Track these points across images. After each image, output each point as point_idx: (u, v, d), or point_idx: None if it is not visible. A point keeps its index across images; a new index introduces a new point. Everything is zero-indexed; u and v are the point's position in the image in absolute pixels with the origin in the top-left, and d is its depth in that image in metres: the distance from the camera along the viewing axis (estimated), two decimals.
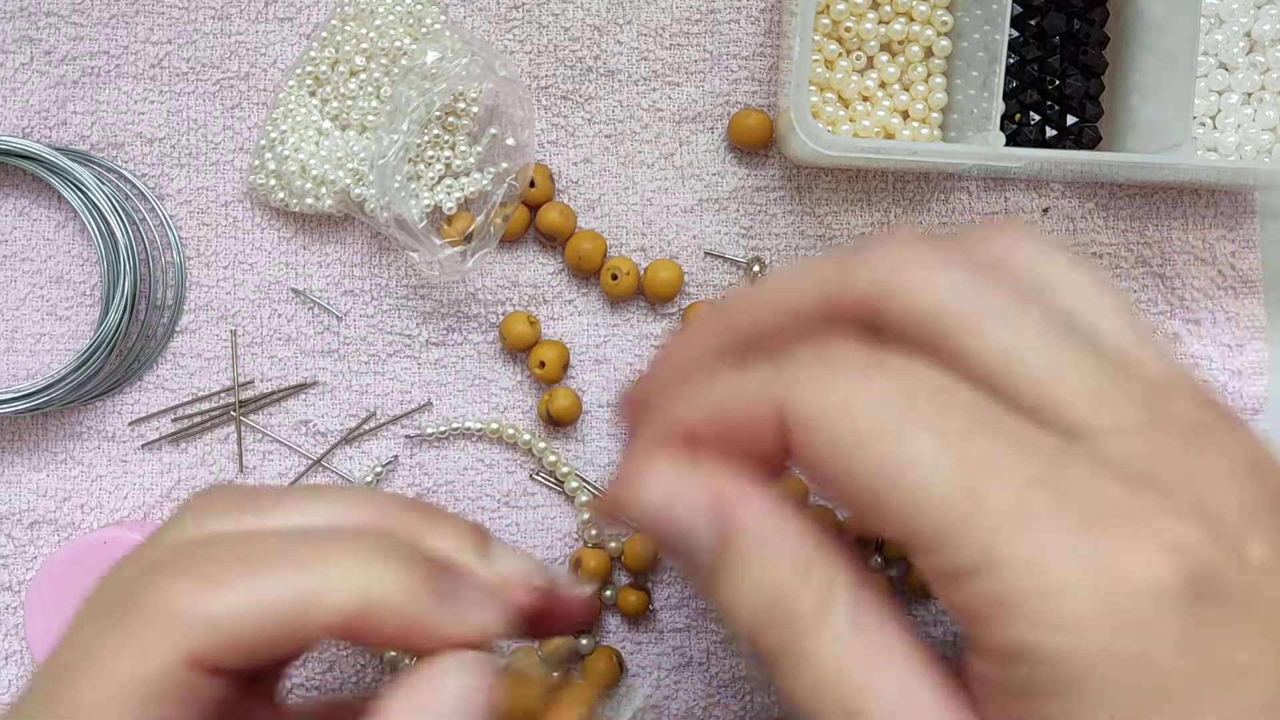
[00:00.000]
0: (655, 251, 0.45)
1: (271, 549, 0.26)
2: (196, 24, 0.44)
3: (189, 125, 0.44)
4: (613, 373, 0.45)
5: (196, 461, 0.45)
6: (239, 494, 0.29)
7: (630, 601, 0.44)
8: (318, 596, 0.25)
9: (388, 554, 0.27)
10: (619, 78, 0.45)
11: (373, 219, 0.42)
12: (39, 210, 0.44)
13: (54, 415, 0.45)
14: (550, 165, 0.45)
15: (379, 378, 0.45)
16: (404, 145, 0.41)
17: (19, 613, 0.44)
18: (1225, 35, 0.43)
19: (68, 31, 0.44)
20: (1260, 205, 0.46)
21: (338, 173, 0.43)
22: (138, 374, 0.44)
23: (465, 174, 0.44)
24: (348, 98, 0.43)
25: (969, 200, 0.45)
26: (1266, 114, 0.44)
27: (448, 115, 0.43)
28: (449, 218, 0.43)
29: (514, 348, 0.44)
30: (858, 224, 0.45)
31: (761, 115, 0.44)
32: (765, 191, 0.45)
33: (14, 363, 0.44)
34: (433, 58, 0.41)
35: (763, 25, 0.45)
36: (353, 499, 0.29)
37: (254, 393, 0.45)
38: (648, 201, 0.45)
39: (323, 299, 0.45)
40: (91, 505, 0.44)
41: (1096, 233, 0.45)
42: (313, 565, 0.26)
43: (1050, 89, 0.44)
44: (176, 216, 0.45)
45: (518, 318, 0.44)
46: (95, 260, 0.44)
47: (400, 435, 0.45)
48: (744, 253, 0.45)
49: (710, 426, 0.25)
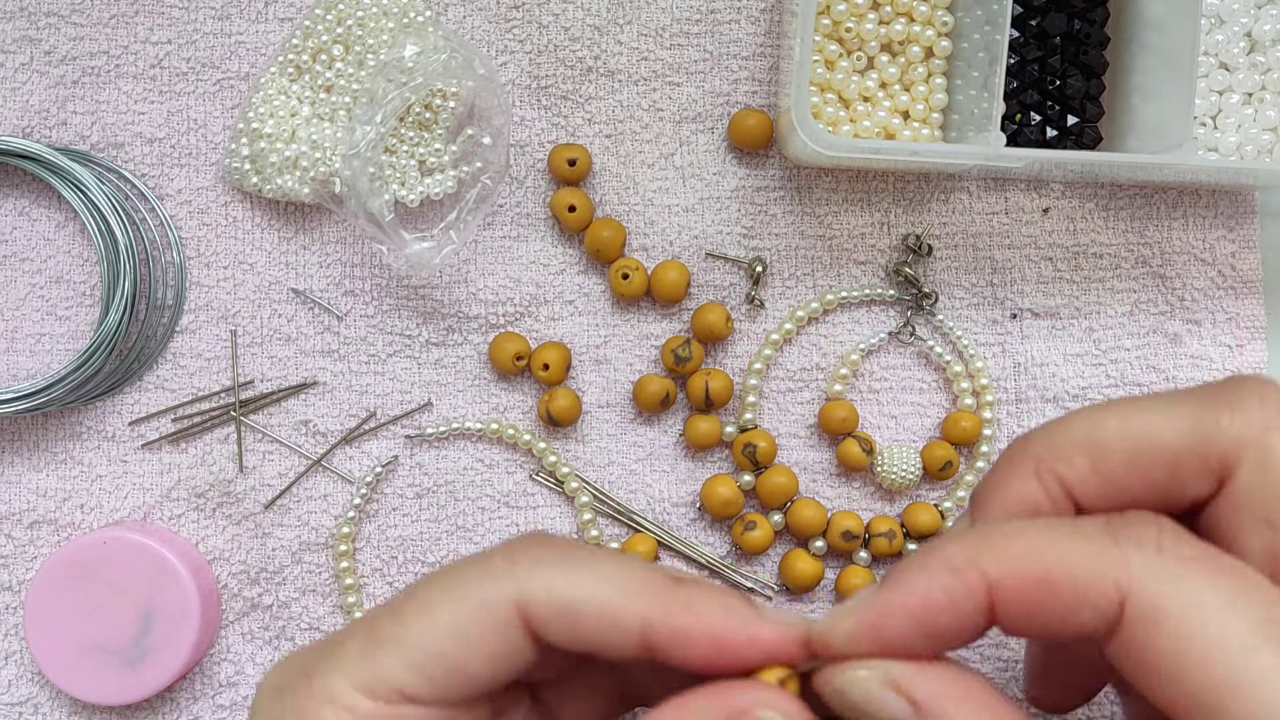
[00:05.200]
0: (656, 252, 0.45)
1: (602, 554, 0.30)
2: (196, 24, 0.44)
3: (189, 125, 0.44)
4: (613, 373, 0.45)
5: (196, 461, 0.45)
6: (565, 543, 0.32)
7: None
8: (636, 591, 0.28)
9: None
10: (619, 78, 0.45)
11: (344, 210, 0.42)
12: (39, 210, 0.44)
13: (54, 415, 0.45)
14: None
15: (379, 378, 0.45)
16: (377, 138, 0.41)
17: (19, 613, 0.44)
18: (1226, 35, 0.43)
19: (68, 31, 0.44)
20: (1260, 205, 0.46)
21: (314, 161, 0.43)
22: (138, 374, 0.44)
23: (440, 170, 0.44)
24: (324, 88, 0.43)
25: (969, 200, 0.45)
26: (1267, 114, 0.44)
27: (424, 111, 0.43)
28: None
29: (503, 370, 0.44)
30: (858, 224, 0.45)
31: (761, 115, 0.44)
32: (765, 191, 0.45)
33: (14, 363, 0.44)
34: (411, 52, 0.41)
35: (763, 25, 0.45)
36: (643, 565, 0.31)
37: (254, 393, 0.45)
38: (648, 202, 0.45)
39: (323, 299, 0.45)
40: (91, 505, 0.44)
41: (1096, 233, 0.45)
42: (634, 569, 0.29)
43: (1051, 89, 0.44)
44: (176, 216, 0.45)
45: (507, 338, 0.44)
46: (95, 260, 0.44)
47: (400, 435, 0.45)
48: (745, 253, 0.45)
49: (1026, 586, 0.26)
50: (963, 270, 0.45)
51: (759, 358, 0.45)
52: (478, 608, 0.28)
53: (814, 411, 0.45)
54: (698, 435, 0.44)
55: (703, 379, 0.44)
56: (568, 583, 0.28)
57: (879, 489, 0.45)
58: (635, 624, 0.28)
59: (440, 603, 0.28)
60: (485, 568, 0.29)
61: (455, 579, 0.29)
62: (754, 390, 0.45)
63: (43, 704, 0.44)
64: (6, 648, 0.45)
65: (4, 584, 0.44)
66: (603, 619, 0.28)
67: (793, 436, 0.45)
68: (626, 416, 0.45)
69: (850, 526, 0.44)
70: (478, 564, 0.29)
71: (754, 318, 0.45)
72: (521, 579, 0.28)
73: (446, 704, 0.28)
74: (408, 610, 0.29)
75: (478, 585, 0.28)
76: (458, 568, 0.30)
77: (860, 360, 0.45)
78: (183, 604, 0.42)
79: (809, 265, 0.45)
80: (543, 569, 0.28)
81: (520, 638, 0.28)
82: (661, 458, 0.45)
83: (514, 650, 0.28)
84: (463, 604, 0.28)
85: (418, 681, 0.28)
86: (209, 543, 0.44)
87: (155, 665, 0.42)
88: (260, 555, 0.44)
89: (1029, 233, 0.45)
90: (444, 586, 0.29)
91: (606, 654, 0.28)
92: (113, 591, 0.42)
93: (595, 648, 0.28)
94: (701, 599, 0.28)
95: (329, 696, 0.28)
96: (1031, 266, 0.45)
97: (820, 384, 0.45)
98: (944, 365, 0.45)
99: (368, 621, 0.30)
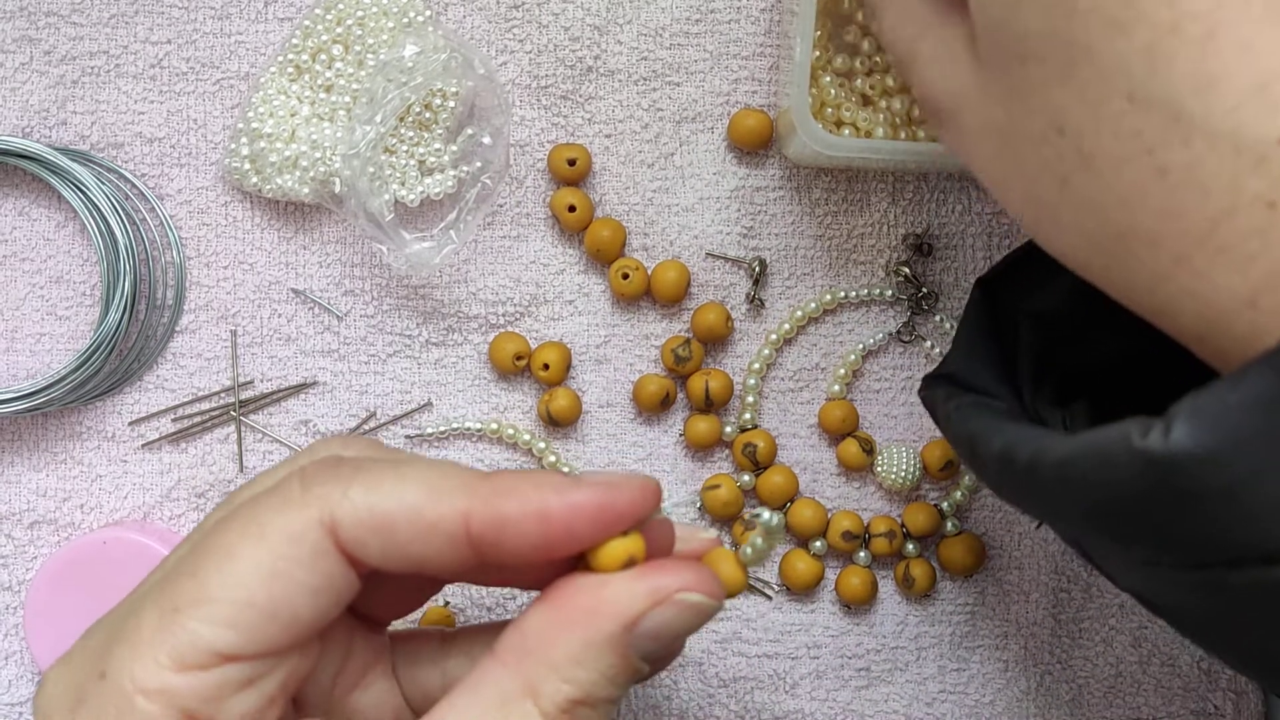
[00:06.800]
0: (657, 251, 0.45)
1: (406, 459, 0.28)
2: (196, 24, 0.44)
3: (189, 125, 0.44)
4: (613, 373, 0.45)
5: (196, 461, 0.45)
6: (373, 442, 0.31)
7: None
8: (448, 488, 0.26)
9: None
10: (619, 78, 0.45)
11: (344, 210, 0.42)
12: (39, 210, 0.44)
13: (54, 415, 0.45)
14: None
15: (379, 378, 0.45)
16: (377, 138, 0.41)
17: (19, 613, 0.44)
18: None
19: (68, 31, 0.44)
20: None
21: (314, 161, 0.43)
22: (138, 374, 0.44)
23: (440, 170, 0.44)
24: (324, 88, 0.43)
25: (969, 201, 0.45)
26: None
27: (424, 111, 0.43)
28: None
29: (503, 370, 0.44)
30: (858, 224, 0.45)
31: (761, 115, 0.44)
32: (765, 191, 0.45)
33: (14, 363, 0.44)
34: (410, 51, 0.41)
35: (763, 25, 0.45)
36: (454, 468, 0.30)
37: (254, 393, 0.45)
38: (648, 202, 0.45)
39: (323, 299, 0.45)
40: (91, 505, 0.44)
41: None
42: (443, 470, 0.27)
43: None
44: (176, 216, 0.45)
45: (507, 338, 0.44)
46: (95, 260, 0.44)
47: (400, 435, 0.45)
48: (745, 253, 0.45)
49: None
50: (963, 270, 0.45)
51: (759, 358, 0.45)
52: (283, 541, 0.26)
53: (814, 411, 0.45)
54: (698, 435, 0.44)
55: (703, 379, 0.44)
56: (373, 493, 0.26)
57: (879, 489, 0.45)
58: (455, 522, 0.26)
59: (240, 545, 0.26)
60: (283, 497, 0.26)
61: (250, 516, 0.26)
62: (754, 390, 0.45)
63: None
64: (6, 648, 0.45)
65: (4, 584, 0.44)
66: (419, 524, 0.26)
67: (793, 436, 0.45)
68: (626, 416, 0.45)
69: (850, 526, 0.44)
70: (274, 495, 0.27)
71: (754, 318, 0.45)
72: (324, 499, 0.26)
73: (271, 653, 0.26)
74: (204, 562, 0.26)
75: (278, 516, 0.26)
76: (250, 504, 0.27)
77: (860, 360, 0.45)
78: None
79: (809, 265, 0.45)
80: (344, 485, 0.26)
81: (337, 564, 0.26)
82: (661, 458, 0.45)
83: (334, 580, 0.26)
84: (265, 541, 0.26)
85: (233, 637, 0.25)
86: None
87: None
88: None
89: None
90: (241, 527, 0.26)
91: (431, 566, 0.27)
92: (113, 591, 0.42)
93: (418, 560, 0.27)
94: (514, 480, 0.27)
95: (137, 688, 0.25)
96: None
97: (820, 384, 0.45)
98: None
99: (158, 586, 0.27)
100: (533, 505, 0.26)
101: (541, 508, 0.26)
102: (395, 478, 0.27)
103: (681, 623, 0.27)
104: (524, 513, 0.26)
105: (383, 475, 0.27)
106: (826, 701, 0.45)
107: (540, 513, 0.26)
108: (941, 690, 0.45)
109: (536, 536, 0.26)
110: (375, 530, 0.26)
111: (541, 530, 0.26)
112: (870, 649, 0.45)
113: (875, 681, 0.45)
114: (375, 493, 0.26)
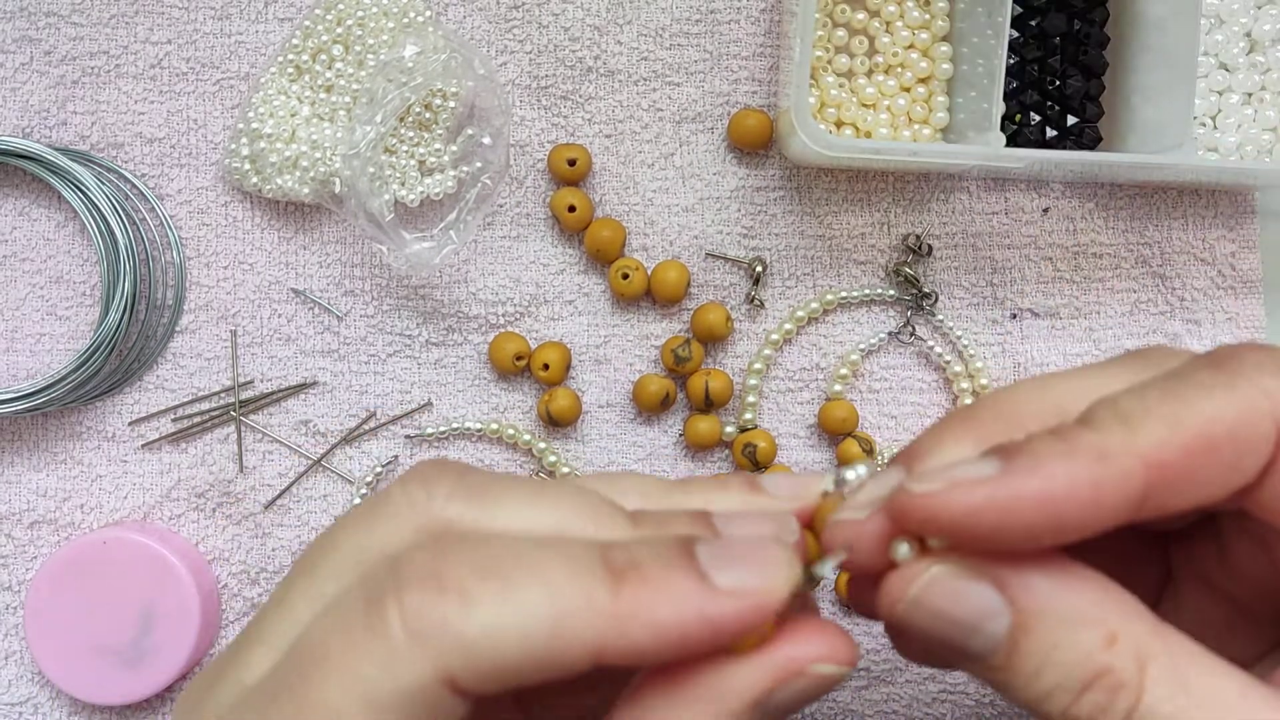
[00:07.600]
0: (657, 252, 0.45)
1: (520, 561, 0.23)
2: (196, 24, 0.44)
3: (189, 125, 0.44)
4: (613, 373, 0.45)
5: (196, 461, 0.45)
6: (467, 477, 0.26)
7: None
8: (576, 618, 0.23)
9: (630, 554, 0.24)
10: (619, 78, 0.45)
11: (344, 210, 0.42)
12: (39, 210, 0.44)
13: (54, 415, 0.45)
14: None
15: (379, 378, 0.45)
16: (377, 138, 0.41)
17: (19, 613, 0.44)
18: (1225, 35, 0.43)
19: (68, 31, 0.44)
20: (1260, 205, 0.46)
21: (314, 161, 0.43)
22: (138, 374, 0.44)
23: (440, 170, 0.44)
24: (324, 88, 0.43)
25: (969, 201, 0.45)
26: (1267, 114, 0.44)
27: (424, 111, 0.43)
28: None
29: (503, 370, 0.44)
30: (858, 224, 0.45)
31: (761, 115, 0.44)
32: (765, 191, 0.45)
33: (14, 363, 0.44)
34: (411, 52, 0.41)
35: (763, 25, 0.45)
36: (579, 503, 0.26)
37: (254, 393, 0.45)
38: (648, 202, 0.45)
39: (323, 299, 0.45)
40: (91, 505, 0.44)
41: (1096, 233, 0.45)
42: (564, 584, 0.23)
43: (1051, 89, 0.44)
44: (176, 216, 0.45)
45: (507, 338, 0.44)
46: (95, 260, 0.44)
47: (400, 435, 0.45)
48: (745, 253, 0.45)
49: (1185, 458, 0.22)
50: (963, 270, 0.45)
51: (759, 358, 0.45)
52: (397, 704, 0.22)
53: (814, 411, 0.45)
54: (698, 435, 0.44)
55: (703, 379, 0.44)
56: (492, 634, 0.22)
57: None
58: (583, 660, 0.23)
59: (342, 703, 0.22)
60: (387, 644, 0.23)
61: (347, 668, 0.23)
62: (754, 390, 0.45)
63: (43, 704, 0.44)
64: (6, 648, 0.45)
65: (4, 584, 0.44)
66: (544, 667, 0.23)
67: (793, 436, 0.45)
68: (626, 416, 0.45)
69: None
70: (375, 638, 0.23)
71: (754, 318, 0.45)
72: (437, 645, 0.22)
73: None
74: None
75: (384, 673, 0.22)
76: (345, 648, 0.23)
77: (860, 360, 0.45)
78: (183, 604, 0.42)
79: (809, 265, 0.45)
80: (458, 625, 0.22)
81: (453, 703, 0.23)
82: (661, 458, 0.45)
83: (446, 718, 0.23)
84: (374, 706, 0.22)
85: None
86: (209, 543, 0.44)
87: (155, 665, 0.42)
88: (260, 555, 0.44)
89: (1029, 233, 0.45)
90: (340, 682, 0.23)
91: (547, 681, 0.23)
92: (113, 591, 0.42)
93: (535, 682, 0.23)
94: (649, 596, 0.23)
95: None
96: (1031, 266, 0.45)
97: (820, 384, 0.45)
98: (944, 365, 0.45)
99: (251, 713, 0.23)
100: (674, 635, 0.23)
101: (683, 637, 0.23)
102: (515, 605, 0.23)
103: (814, 693, 0.25)
104: (662, 645, 0.23)
105: (500, 596, 0.23)
106: (826, 701, 0.45)
107: (681, 640, 0.23)
108: (941, 690, 0.45)
109: (672, 656, 0.23)
110: (495, 678, 0.23)
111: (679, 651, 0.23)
112: (870, 649, 0.45)
113: (875, 681, 0.45)
114: (495, 634, 0.22)
